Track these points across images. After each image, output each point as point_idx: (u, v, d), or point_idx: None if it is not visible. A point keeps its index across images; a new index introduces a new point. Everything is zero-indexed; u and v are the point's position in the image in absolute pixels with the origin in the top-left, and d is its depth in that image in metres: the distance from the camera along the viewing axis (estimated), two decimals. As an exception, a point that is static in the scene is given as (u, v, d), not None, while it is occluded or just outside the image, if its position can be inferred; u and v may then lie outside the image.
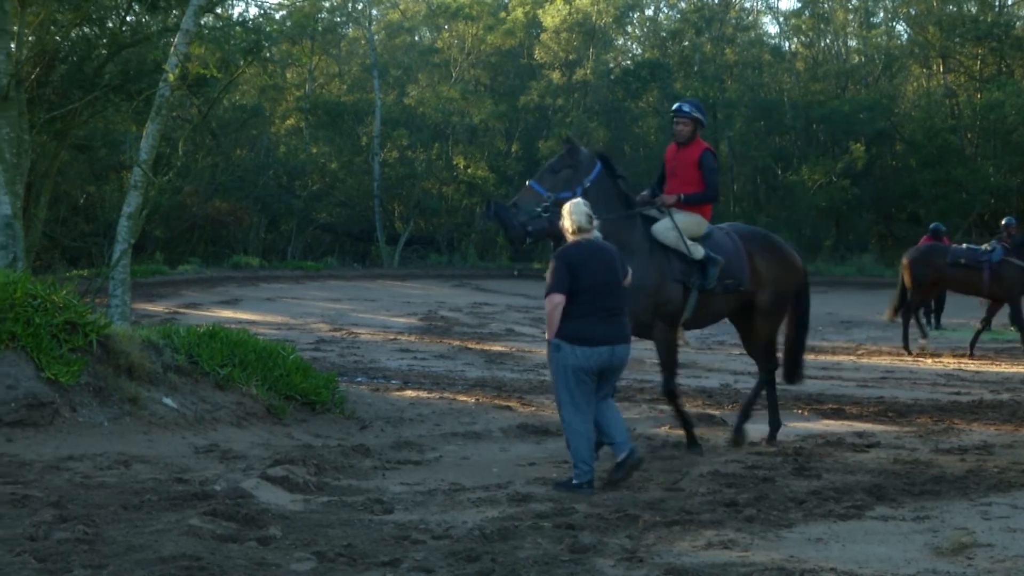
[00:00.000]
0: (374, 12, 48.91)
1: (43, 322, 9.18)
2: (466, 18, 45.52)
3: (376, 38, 47.12)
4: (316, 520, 6.90)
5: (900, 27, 49.49)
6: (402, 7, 51.96)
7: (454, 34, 47.70)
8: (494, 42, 45.82)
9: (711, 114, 44.22)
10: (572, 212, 8.39)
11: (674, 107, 10.42)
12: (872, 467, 8.99)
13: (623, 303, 8.43)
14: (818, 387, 14.14)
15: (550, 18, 44.28)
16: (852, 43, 50.02)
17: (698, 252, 9.91)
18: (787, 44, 51.45)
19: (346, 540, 6.39)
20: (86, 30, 21.16)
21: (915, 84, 49.08)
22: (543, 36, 44.82)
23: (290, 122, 44.98)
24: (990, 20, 43.21)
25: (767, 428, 10.54)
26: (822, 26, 48.71)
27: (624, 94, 44.63)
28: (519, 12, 46.08)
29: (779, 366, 10.79)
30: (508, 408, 11.74)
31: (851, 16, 48.61)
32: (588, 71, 44.23)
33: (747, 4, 51.57)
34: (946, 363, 17.49)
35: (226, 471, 8.22)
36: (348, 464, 8.78)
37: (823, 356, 18.23)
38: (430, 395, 12.37)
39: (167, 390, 9.81)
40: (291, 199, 39.91)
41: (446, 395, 12.44)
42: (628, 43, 52.84)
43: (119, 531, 6.37)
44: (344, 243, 43.57)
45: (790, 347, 10.96)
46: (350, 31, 49.39)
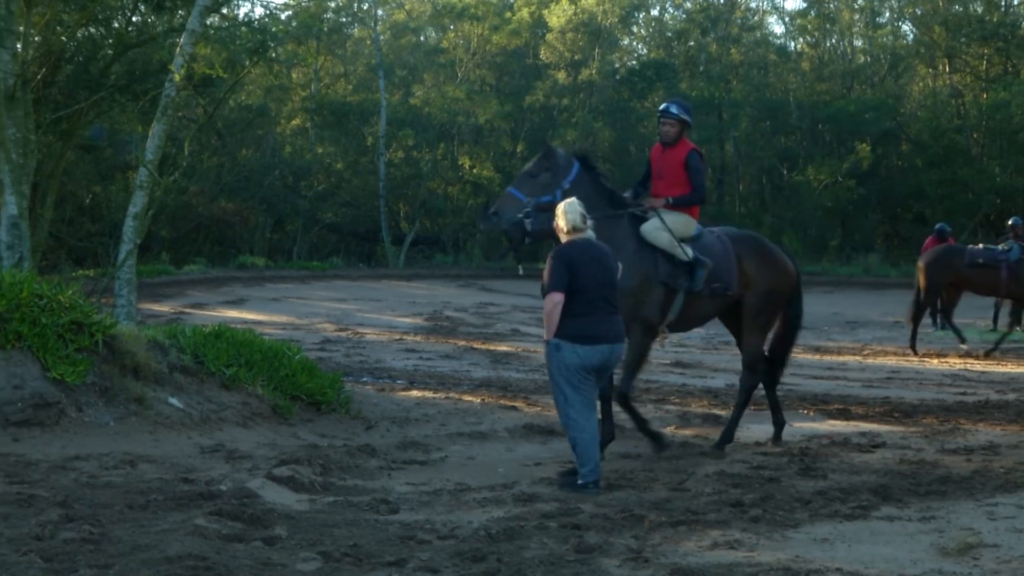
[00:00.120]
0: (379, 12, 48.98)
1: (49, 322, 9.19)
2: (471, 18, 45.54)
3: (382, 38, 47.13)
4: (322, 520, 6.90)
5: (906, 27, 49.54)
6: (407, 7, 51.98)
7: (459, 34, 47.71)
8: (499, 42, 45.81)
9: (716, 114, 44.31)
10: (567, 212, 8.38)
11: (661, 108, 10.34)
12: (878, 467, 8.98)
13: (617, 302, 8.47)
14: (824, 387, 14.13)
15: (555, 18, 44.27)
16: (858, 43, 50.06)
17: (686, 254, 9.84)
18: (793, 44, 51.46)
19: (352, 540, 6.39)
20: (92, 30, 21.23)
21: (921, 84, 49.04)
22: (548, 36, 44.81)
23: (296, 122, 45.01)
24: (996, 20, 43.17)
25: (771, 428, 10.54)
26: (828, 26, 48.68)
27: (629, 94, 44.60)
28: (524, 12, 46.07)
29: (759, 375, 10.57)
30: (514, 408, 11.73)
31: (857, 16, 48.61)
32: (593, 71, 44.22)
33: (753, 4, 51.67)
34: (952, 363, 17.47)
35: (232, 471, 8.23)
36: (354, 464, 8.78)
37: (829, 356, 18.21)
38: (436, 395, 12.36)
39: (173, 390, 9.81)
40: (297, 199, 39.92)
41: (452, 395, 12.43)
42: (633, 43, 52.87)
43: (125, 531, 6.37)
44: (350, 243, 43.60)
45: (776, 349, 10.83)
46: (355, 31, 49.41)
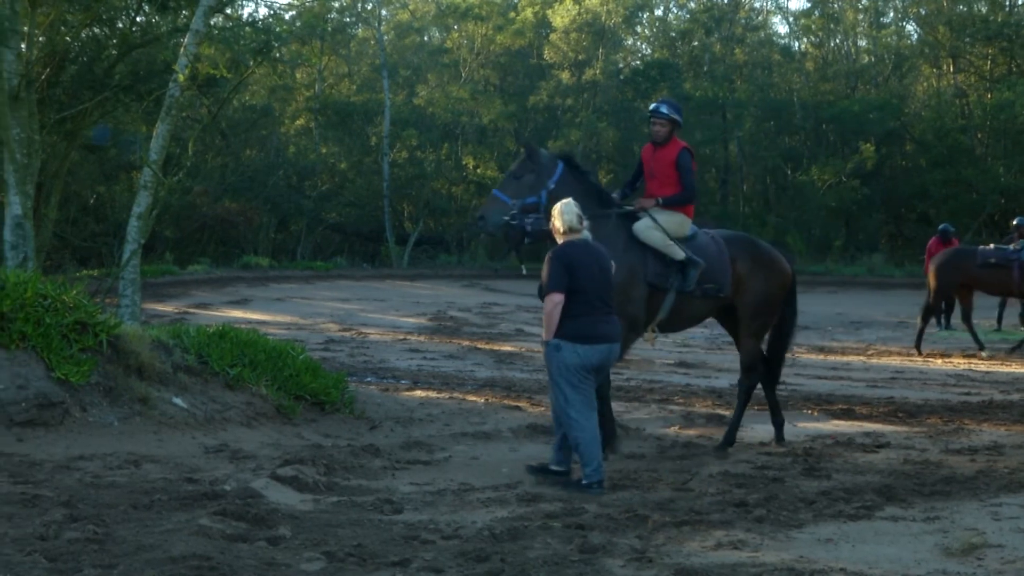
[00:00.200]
0: (383, 12, 48.96)
1: (53, 322, 9.20)
2: (475, 18, 45.51)
3: (386, 38, 47.13)
4: (326, 520, 6.90)
5: (910, 27, 49.46)
6: (411, 7, 51.99)
7: (463, 34, 47.68)
8: (503, 42, 45.80)
9: (720, 114, 44.28)
10: (563, 212, 8.39)
11: (651, 107, 10.26)
12: (882, 467, 8.98)
13: (613, 301, 8.49)
14: (828, 387, 14.13)
15: (559, 18, 44.25)
16: (862, 43, 49.96)
17: (678, 254, 9.80)
18: (797, 44, 51.41)
19: (356, 540, 6.39)
20: (96, 30, 21.24)
21: (925, 84, 48.97)
22: (552, 36, 44.78)
23: (300, 122, 45.03)
24: (1000, 20, 43.07)
25: (776, 428, 10.54)
26: (832, 26, 48.61)
27: (634, 94, 44.54)
28: (528, 12, 46.06)
29: (758, 376, 10.54)
30: (518, 408, 11.73)
31: (861, 16, 48.54)
32: (597, 71, 44.20)
33: (757, 4, 51.54)
34: (956, 363, 17.46)
35: (236, 471, 8.23)
36: (358, 464, 8.78)
37: (833, 356, 18.21)
38: (440, 395, 12.36)
39: (177, 390, 9.82)
40: (301, 199, 39.93)
41: (456, 395, 12.44)
42: (637, 43, 52.83)
43: (129, 531, 6.38)
44: (354, 243, 43.59)
45: (772, 350, 10.78)
46: (360, 31, 49.40)
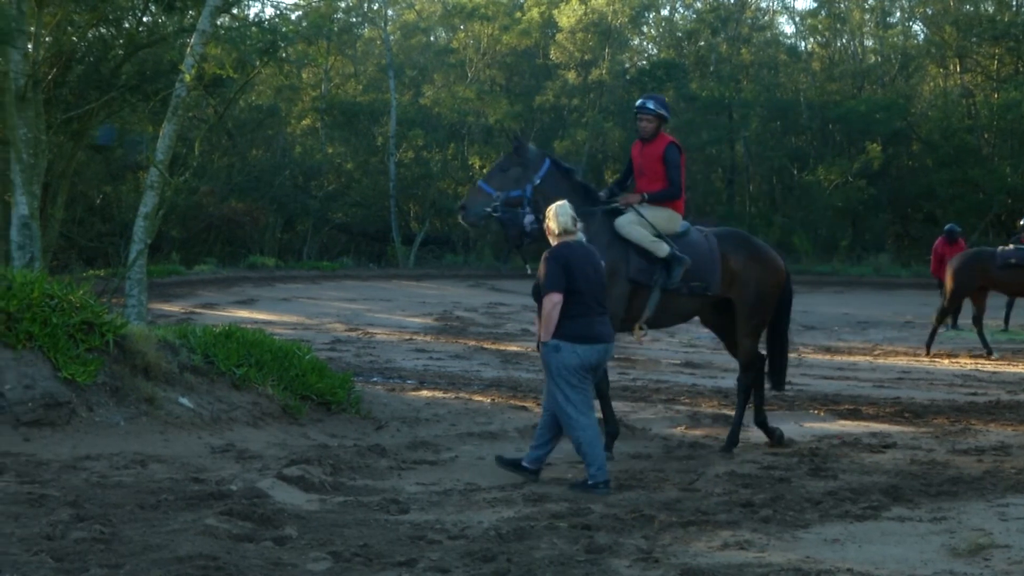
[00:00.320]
0: (390, 12, 49.00)
1: (60, 322, 9.21)
2: (482, 18, 45.52)
3: (392, 38, 47.16)
4: (332, 520, 6.90)
5: (917, 27, 49.40)
6: (418, 7, 52.00)
7: (470, 34, 47.70)
8: (509, 42, 45.79)
9: (727, 114, 44.25)
10: (558, 215, 8.40)
11: (637, 104, 10.23)
12: (889, 468, 8.97)
13: (606, 302, 8.53)
14: (834, 387, 14.11)
15: (566, 18, 44.24)
16: (868, 43, 49.92)
17: (662, 250, 9.69)
18: (803, 44, 51.36)
19: (362, 540, 6.39)
20: (103, 31, 21.27)
21: (932, 84, 48.89)
22: (559, 36, 44.77)
23: (306, 122, 45.05)
24: (1007, 20, 43.01)
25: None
26: (838, 26, 48.57)
27: (640, 94, 44.45)
28: (535, 12, 46.04)
29: (759, 372, 10.43)
30: (524, 408, 11.73)
31: (867, 16, 48.46)
32: (604, 71, 44.18)
33: (763, 4, 51.50)
34: (963, 364, 17.43)
35: (242, 471, 8.23)
36: (364, 464, 8.78)
37: (839, 356, 18.19)
38: (446, 395, 12.36)
39: (183, 390, 9.82)
40: (307, 199, 39.95)
41: (462, 395, 12.44)
42: (644, 43, 52.80)
43: (136, 530, 6.38)
44: (360, 243, 43.62)
45: (772, 351, 10.64)
46: (366, 31, 49.45)
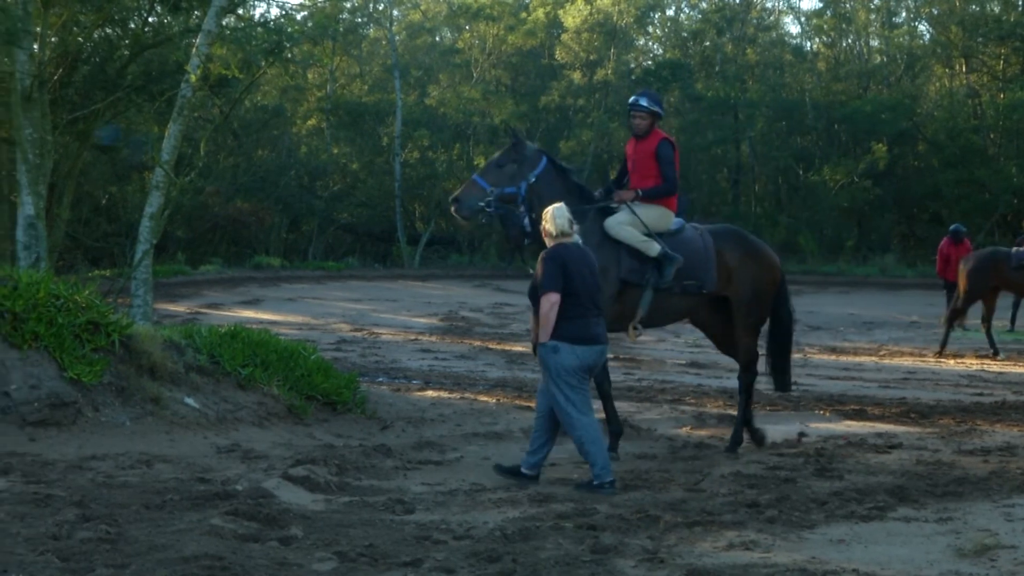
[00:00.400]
0: (395, 13, 49.01)
1: (66, 322, 9.22)
2: (487, 18, 45.53)
3: (397, 38, 47.16)
4: (337, 520, 6.90)
5: (922, 27, 49.30)
6: (423, 8, 52.02)
7: (475, 34, 47.71)
8: (515, 42, 45.80)
9: (732, 114, 44.22)
10: (555, 217, 8.39)
11: (630, 101, 10.05)
12: (894, 468, 8.96)
13: (602, 304, 8.55)
14: (840, 388, 14.10)
15: (571, 18, 44.23)
16: (874, 43, 49.84)
17: (653, 249, 9.61)
18: (809, 44, 51.30)
19: (367, 540, 6.39)
20: (108, 31, 21.31)
21: (937, 84, 48.81)
22: (564, 36, 44.77)
23: (311, 122, 45.07)
24: (1013, 20, 42.90)
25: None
26: (844, 26, 48.49)
27: (644, 94, 44.46)
28: (540, 12, 46.05)
29: (756, 373, 10.38)
30: (529, 408, 11.70)
31: (873, 16, 48.42)
32: (609, 71, 44.18)
33: (768, 4, 51.46)
34: (969, 364, 17.41)
35: (248, 471, 8.23)
36: (369, 464, 8.78)
37: (845, 357, 18.17)
38: (451, 395, 12.37)
39: (189, 390, 9.83)
40: (312, 199, 39.97)
41: (467, 395, 12.45)
42: (649, 43, 52.75)
43: (141, 530, 6.39)
44: (365, 243, 43.62)
45: (774, 352, 10.56)
46: (371, 32, 49.43)
